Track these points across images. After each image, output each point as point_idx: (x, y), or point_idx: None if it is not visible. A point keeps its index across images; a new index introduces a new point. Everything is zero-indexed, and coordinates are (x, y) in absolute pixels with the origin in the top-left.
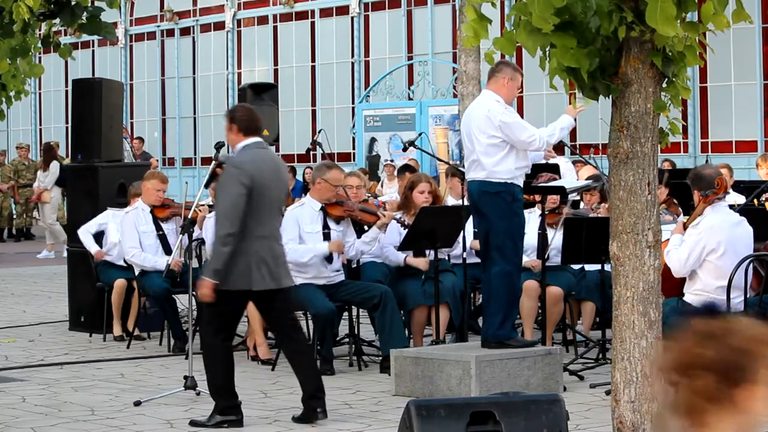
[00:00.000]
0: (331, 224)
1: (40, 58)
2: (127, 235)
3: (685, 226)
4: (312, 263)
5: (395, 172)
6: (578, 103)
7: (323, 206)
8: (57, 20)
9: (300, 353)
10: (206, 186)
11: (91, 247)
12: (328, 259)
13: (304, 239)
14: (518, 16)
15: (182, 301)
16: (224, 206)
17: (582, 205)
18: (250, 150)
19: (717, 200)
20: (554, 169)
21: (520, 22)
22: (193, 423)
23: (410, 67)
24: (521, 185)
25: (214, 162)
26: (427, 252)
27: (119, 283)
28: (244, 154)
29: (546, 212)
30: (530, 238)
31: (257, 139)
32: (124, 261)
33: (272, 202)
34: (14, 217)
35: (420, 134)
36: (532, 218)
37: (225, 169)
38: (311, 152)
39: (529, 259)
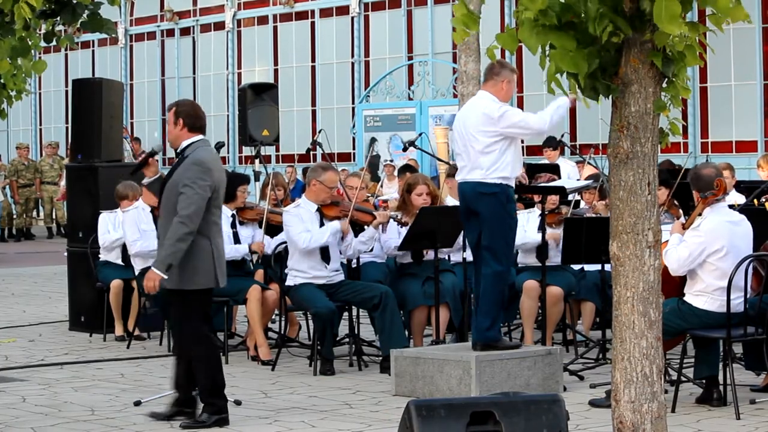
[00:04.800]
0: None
1: (40, 57)
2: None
3: (684, 227)
4: (328, 243)
5: (395, 172)
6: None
7: (319, 207)
8: (58, 19)
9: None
10: (132, 174)
11: (118, 238)
12: (326, 260)
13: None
14: (521, 12)
15: None
16: (190, 203)
17: (582, 204)
18: (202, 148)
19: (716, 202)
20: (554, 170)
21: (524, 19)
22: (186, 426)
23: (410, 67)
24: (513, 188)
25: (146, 153)
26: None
27: (116, 284)
28: (203, 151)
29: (546, 212)
30: (531, 237)
31: (203, 136)
32: (122, 260)
33: (221, 201)
34: (14, 217)
35: (420, 134)
36: (532, 218)
37: (187, 167)
38: (311, 152)
39: (526, 258)
